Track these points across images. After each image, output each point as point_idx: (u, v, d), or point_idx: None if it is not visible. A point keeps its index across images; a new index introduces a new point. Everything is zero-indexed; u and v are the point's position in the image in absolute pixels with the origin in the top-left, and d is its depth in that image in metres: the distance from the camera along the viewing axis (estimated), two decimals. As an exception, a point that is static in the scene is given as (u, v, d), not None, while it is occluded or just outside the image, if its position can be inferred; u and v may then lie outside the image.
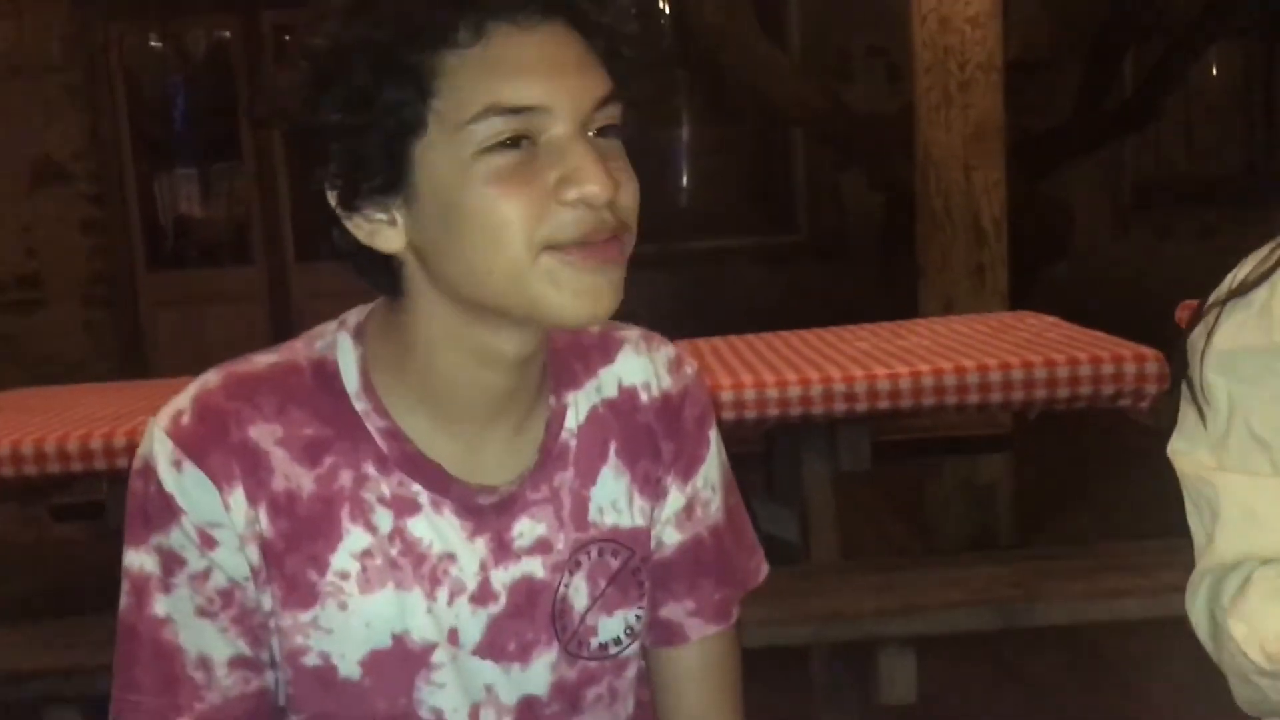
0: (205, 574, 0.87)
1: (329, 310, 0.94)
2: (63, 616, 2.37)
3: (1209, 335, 0.91)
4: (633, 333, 1.00)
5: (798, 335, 2.77)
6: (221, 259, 6.88)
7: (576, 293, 0.81)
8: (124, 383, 3.00)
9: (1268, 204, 6.80)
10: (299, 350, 0.91)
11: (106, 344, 6.46)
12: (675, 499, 0.99)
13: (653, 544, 0.98)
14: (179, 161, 6.89)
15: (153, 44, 6.74)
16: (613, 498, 0.95)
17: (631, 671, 0.98)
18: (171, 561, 0.87)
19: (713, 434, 1.01)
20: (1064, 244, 5.49)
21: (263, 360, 0.91)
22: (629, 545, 0.95)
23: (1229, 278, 0.94)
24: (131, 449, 0.89)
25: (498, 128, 0.78)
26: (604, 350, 0.98)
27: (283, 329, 6.01)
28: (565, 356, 0.96)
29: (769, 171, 6.91)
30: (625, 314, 0.99)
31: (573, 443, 0.94)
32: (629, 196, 0.84)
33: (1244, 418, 0.87)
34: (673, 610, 1.00)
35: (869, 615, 2.21)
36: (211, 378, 0.89)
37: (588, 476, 0.94)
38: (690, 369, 1.01)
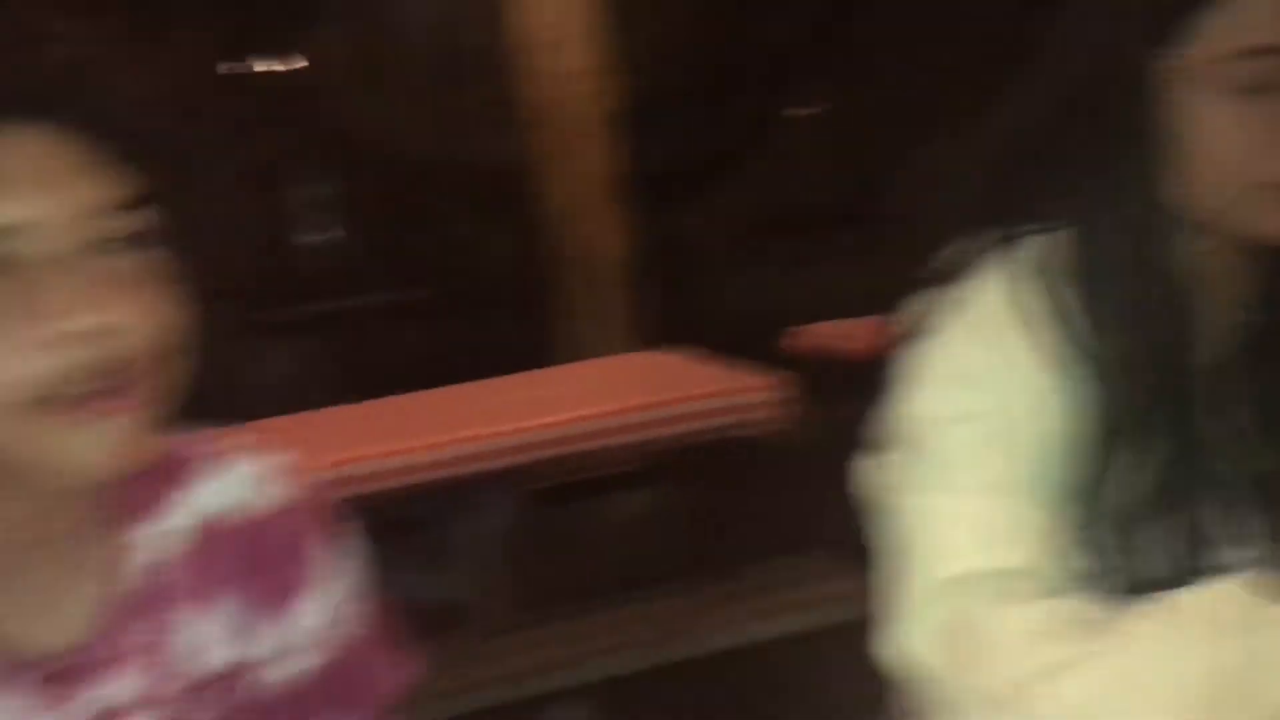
0: None
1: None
2: None
3: (892, 374, 0.93)
4: (214, 448, 0.89)
5: (440, 394, 2.75)
6: None
7: (68, 449, 0.69)
8: None
9: (859, 231, 7.49)
10: None
11: None
12: (279, 632, 0.88)
13: (260, 681, 0.88)
14: None
15: None
16: (204, 636, 0.85)
17: None
18: None
19: (320, 550, 0.90)
20: (685, 281, 5.80)
21: None
22: (226, 684, 0.86)
23: (902, 320, 0.94)
24: None
25: None
26: (186, 471, 0.86)
27: None
28: (129, 484, 0.83)
29: (401, 226, 6.85)
30: (262, 386, 0.90)
31: (151, 583, 0.83)
32: (144, 325, 0.71)
33: (926, 444, 0.88)
34: None
35: (531, 674, 2.22)
36: None
37: (172, 618, 0.84)
38: (288, 485, 0.89)
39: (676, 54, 6.40)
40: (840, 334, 3.31)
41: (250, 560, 0.87)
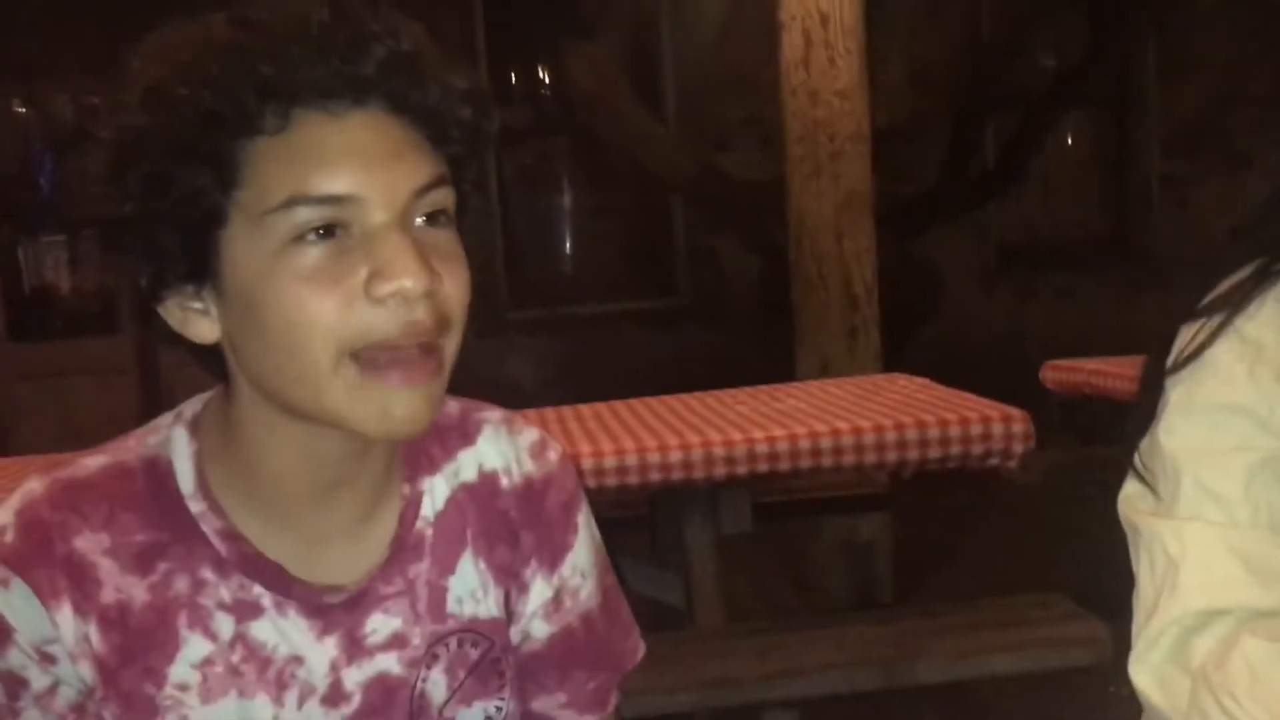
0: (52, 690, 0.83)
1: (199, 382, 0.89)
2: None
3: (1156, 406, 0.92)
4: (494, 415, 0.96)
5: (679, 399, 2.80)
6: (87, 329, 6.65)
7: (382, 410, 0.77)
8: (-19, 461, 2.86)
9: (1121, 266, 7.15)
10: (131, 449, 0.87)
11: (-37, 419, 6.17)
12: (541, 590, 0.95)
13: (518, 637, 0.96)
14: (44, 229, 6.68)
15: (17, 109, 6.55)
16: (471, 587, 0.92)
17: None
18: (13, 684, 0.82)
19: (581, 518, 0.97)
20: (933, 306, 5.67)
21: (91, 464, 0.85)
22: (488, 635, 0.93)
23: (1175, 351, 0.92)
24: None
25: (302, 219, 0.74)
26: (463, 432, 0.94)
27: (153, 401, 5.83)
28: (421, 439, 0.90)
29: (650, 236, 7.00)
30: (511, 381, 0.98)
31: (429, 532, 0.91)
32: (454, 288, 0.79)
33: (1194, 473, 0.87)
34: (545, 704, 0.97)
35: (751, 680, 2.21)
36: (36, 487, 0.84)
37: (445, 566, 0.91)
38: (554, 454, 0.97)
39: (937, 77, 6.29)
40: (1101, 371, 3.15)
41: (520, 520, 0.94)
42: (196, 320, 0.80)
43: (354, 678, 0.87)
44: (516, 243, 6.65)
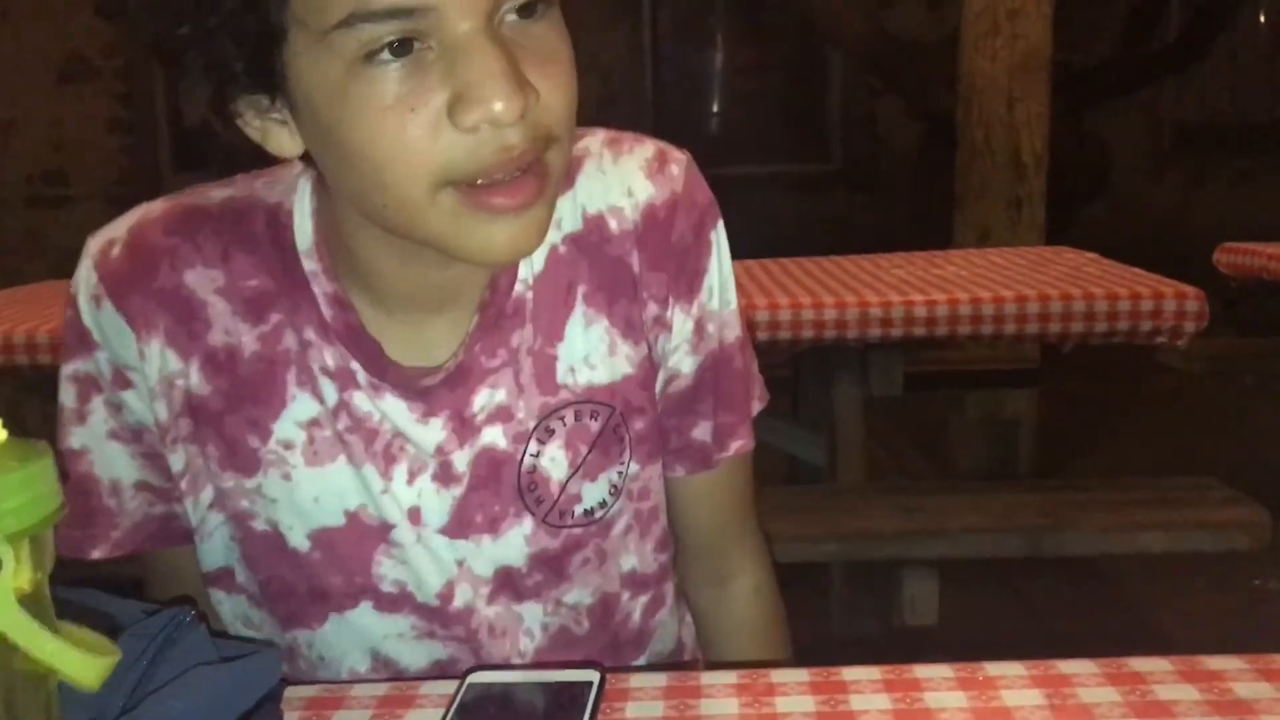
0: (119, 407, 0.81)
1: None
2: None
3: None
4: (594, 142, 0.84)
5: (833, 261, 2.76)
6: (247, 164, 6.85)
7: (486, 240, 0.69)
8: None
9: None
10: (257, 190, 0.81)
11: (133, 243, 6.47)
12: (682, 324, 0.85)
13: (664, 377, 0.87)
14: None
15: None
16: (584, 353, 0.83)
17: (619, 528, 0.88)
18: (87, 387, 0.81)
19: (714, 235, 0.86)
20: (1101, 182, 5.43)
21: (215, 195, 0.81)
22: (609, 403, 0.84)
23: None
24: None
25: (368, 36, 0.63)
26: (568, 176, 0.81)
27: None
28: None
29: (804, 98, 6.83)
30: None
31: (529, 295, 0.81)
32: (557, 97, 0.67)
33: None
34: (704, 430, 0.90)
35: (894, 536, 2.23)
36: (155, 207, 0.80)
37: (551, 333, 0.82)
38: (676, 167, 0.84)
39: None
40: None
41: (647, 261, 0.83)
42: (277, 132, 0.71)
43: (463, 457, 0.82)
44: (666, 97, 6.57)
